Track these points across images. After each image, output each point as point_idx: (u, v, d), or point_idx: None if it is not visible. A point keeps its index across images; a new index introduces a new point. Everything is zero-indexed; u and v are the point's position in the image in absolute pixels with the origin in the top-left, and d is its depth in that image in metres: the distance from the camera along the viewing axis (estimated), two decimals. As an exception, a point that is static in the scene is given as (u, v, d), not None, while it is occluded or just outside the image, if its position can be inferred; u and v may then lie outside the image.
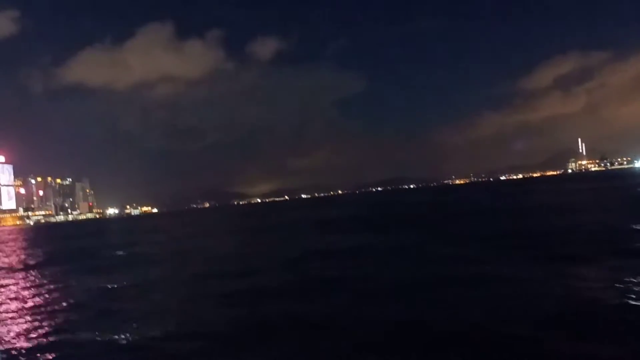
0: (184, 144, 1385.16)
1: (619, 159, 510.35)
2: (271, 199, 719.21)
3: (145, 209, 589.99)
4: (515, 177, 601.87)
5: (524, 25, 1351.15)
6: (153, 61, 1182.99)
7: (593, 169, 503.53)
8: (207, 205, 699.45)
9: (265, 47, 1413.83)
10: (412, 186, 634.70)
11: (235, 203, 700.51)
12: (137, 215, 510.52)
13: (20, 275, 34.99)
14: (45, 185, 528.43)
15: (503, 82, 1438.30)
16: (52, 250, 64.44)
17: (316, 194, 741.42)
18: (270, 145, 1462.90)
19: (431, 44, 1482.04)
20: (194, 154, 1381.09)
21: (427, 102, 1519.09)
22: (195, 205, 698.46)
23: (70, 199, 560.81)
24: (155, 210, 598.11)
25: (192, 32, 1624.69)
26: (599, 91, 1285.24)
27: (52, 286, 27.51)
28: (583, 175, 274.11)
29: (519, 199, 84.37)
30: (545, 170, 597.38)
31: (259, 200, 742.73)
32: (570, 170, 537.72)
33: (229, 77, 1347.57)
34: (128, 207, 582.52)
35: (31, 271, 37.14)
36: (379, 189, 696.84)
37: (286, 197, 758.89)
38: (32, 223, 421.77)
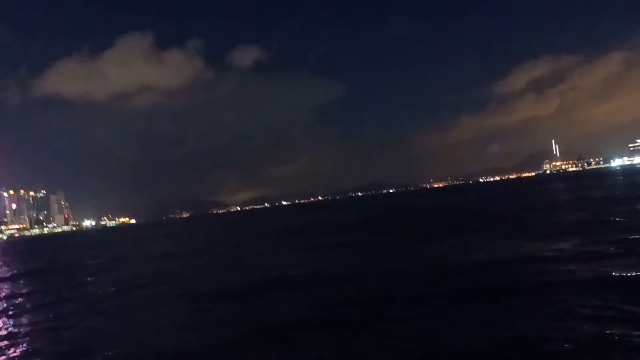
0: (162, 154, 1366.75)
1: (595, 159, 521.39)
2: (251, 207, 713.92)
3: (122, 220, 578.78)
4: (492, 179, 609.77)
5: (497, 30, 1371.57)
6: (132, 71, 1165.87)
7: (570, 170, 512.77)
8: (185, 215, 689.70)
9: (245, 56, 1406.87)
10: (391, 190, 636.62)
11: (214, 212, 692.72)
12: (113, 226, 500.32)
13: None
14: (18, 198, 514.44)
15: (478, 86, 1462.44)
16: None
17: (297, 201, 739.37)
18: (249, 154, 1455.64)
19: (407, 49, 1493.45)
20: (172, 163, 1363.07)
21: (404, 107, 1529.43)
22: (173, 216, 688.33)
23: (45, 212, 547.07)
24: (133, 221, 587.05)
25: (172, 41, 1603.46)
26: (570, 93, 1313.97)
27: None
28: (563, 176, 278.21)
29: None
30: (521, 172, 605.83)
31: (239, 209, 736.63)
32: (547, 172, 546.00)
33: (208, 86, 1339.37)
34: (104, 218, 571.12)
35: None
36: (359, 194, 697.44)
37: (266, 204, 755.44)
38: (5, 237, 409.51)
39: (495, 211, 60.54)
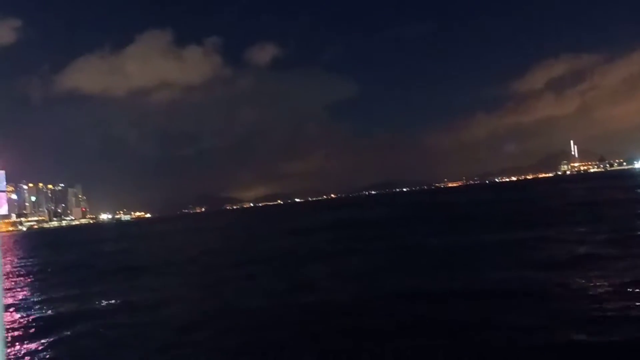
0: (178, 149, 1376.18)
1: (617, 160, 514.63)
2: (264, 204, 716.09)
3: (138, 214, 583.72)
4: (507, 179, 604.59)
5: (516, 28, 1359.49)
6: (151, 67, 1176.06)
7: (591, 170, 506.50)
8: (201, 209, 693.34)
9: (262, 54, 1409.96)
10: (405, 189, 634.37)
11: (229, 208, 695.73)
12: (128, 220, 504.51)
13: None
14: (37, 191, 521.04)
15: (495, 84, 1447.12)
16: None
17: (309, 198, 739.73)
18: (264, 150, 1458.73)
19: (423, 47, 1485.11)
20: (188, 159, 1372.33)
21: (420, 105, 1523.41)
22: (187, 211, 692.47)
23: (63, 205, 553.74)
24: (148, 215, 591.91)
25: (191, 38, 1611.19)
26: (591, 93, 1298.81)
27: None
28: (594, 176, 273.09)
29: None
30: (537, 173, 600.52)
31: (252, 205, 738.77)
32: (567, 172, 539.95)
33: (226, 82, 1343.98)
34: (119, 212, 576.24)
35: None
36: (372, 192, 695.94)
37: (279, 201, 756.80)
38: (24, 229, 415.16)
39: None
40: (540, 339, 12.11)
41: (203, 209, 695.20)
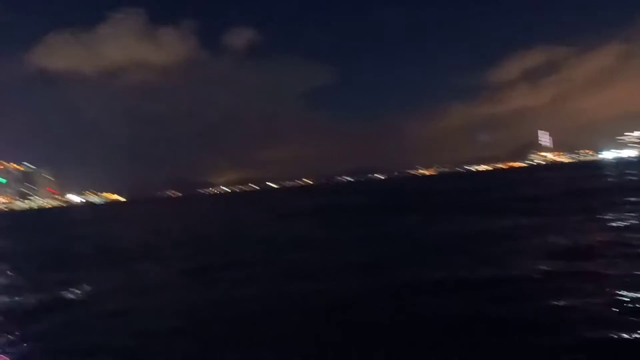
0: (150, 131, 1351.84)
1: (587, 151, 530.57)
2: (239, 189, 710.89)
3: (111, 196, 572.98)
4: (481, 168, 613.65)
5: (492, 18, 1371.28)
6: (124, 47, 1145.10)
7: (563, 161, 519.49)
8: (175, 193, 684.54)
9: (240, 38, 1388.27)
10: (381, 176, 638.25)
11: (203, 192, 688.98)
12: (101, 203, 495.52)
13: None
14: (6, 172, 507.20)
15: (471, 74, 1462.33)
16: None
17: (284, 184, 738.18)
18: (239, 135, 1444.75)
19: (400, 35, 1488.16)
20: (160, 142, 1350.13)
21: (394, 94, 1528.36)
22: (160, 194, 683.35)
23: (32, 186, 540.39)
24: (122, 199, 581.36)
25: (167, 19, 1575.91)
26: (564, 84, 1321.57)
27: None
28: (566, 166, 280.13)
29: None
30: (510, 162, 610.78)
31: (227, 190, 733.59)
32: (542, 162, 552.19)
33: (202, 66, 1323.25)
34: (90, 194, 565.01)
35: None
36: (348, 179, 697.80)
37: (254, 186, 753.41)
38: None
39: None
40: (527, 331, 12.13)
41: (177, 193, 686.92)
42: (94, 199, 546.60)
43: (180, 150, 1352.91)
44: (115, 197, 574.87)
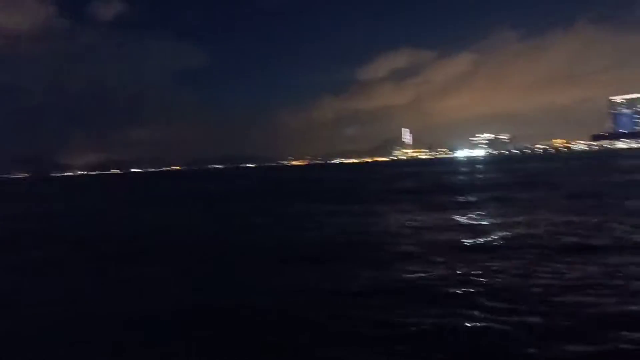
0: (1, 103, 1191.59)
1: (443, 149, 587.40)
2: (98, 172, 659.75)
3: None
4: (347, 161, 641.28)
5: (366, 16, 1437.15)
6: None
7: (422, 157, 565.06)
8: (23, 175, 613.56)
9: (105, 9, 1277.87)
10: (251, 165, 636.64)
11: (56, 175, 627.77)
12: None
13: None
14: None
15: (343, 68, 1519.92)
16: None
17: (150, 169, 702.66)
18: (102, 114, 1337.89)
19: (275, 24, 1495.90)
20: (10, 115, 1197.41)
21: (268, 82, 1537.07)
22: (7, 176, 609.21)
23: None
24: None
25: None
26: (424, 86, 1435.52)
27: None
28: (422, 162, 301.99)
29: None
30: (374, 156, 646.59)
31: (85, 173, 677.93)
32: (402, 158, 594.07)
33: (62, 36, 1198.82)
34: None
35: None
36: (218, 166, 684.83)
37: (116, 170, 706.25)
38: None
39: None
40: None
41: (25, 175, 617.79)
42: None
43: (35, 126, 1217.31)
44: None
